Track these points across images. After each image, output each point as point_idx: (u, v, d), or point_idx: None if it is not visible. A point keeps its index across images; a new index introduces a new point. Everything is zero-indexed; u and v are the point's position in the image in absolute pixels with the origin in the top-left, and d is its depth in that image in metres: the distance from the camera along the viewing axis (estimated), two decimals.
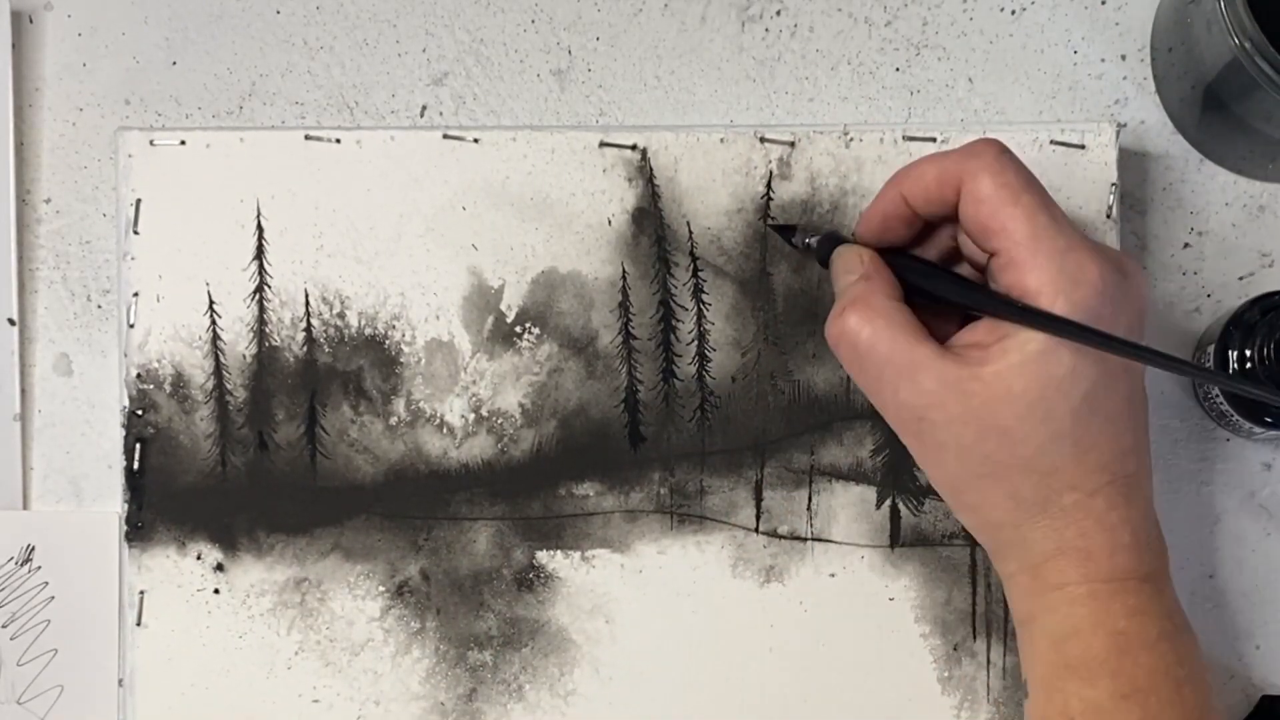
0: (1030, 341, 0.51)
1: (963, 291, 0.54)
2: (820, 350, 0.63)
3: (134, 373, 0.62)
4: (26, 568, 0.64)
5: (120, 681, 0.62)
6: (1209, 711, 0.53)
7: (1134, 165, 0.65)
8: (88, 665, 0.64)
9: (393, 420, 0.62)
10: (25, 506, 0.65)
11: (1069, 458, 0.52)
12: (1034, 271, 0.51)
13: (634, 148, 0.63)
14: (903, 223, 0.56)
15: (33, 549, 0.64)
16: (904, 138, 0.63)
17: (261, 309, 0.63)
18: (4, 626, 0.64)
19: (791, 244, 0.61)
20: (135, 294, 0.63)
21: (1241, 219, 0.66)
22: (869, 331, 0.53)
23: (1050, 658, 0.53)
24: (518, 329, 0.63)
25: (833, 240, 0.58)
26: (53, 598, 0.64)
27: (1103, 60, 0.66)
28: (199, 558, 0.62)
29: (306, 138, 0.63)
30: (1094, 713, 0.52)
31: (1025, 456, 0.52)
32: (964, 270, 0.57)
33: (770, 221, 0.62)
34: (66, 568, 0.64)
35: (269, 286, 0.63)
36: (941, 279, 0.55)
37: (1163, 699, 0.52)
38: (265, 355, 0.63)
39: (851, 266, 0.56)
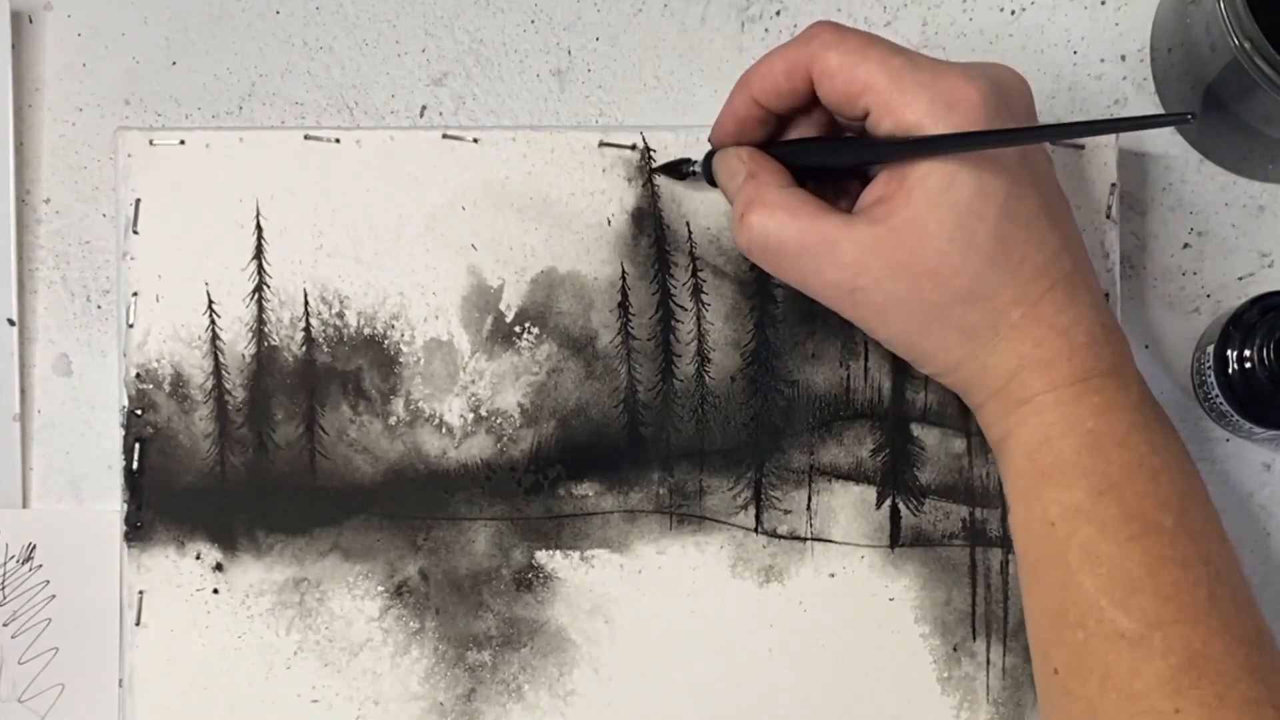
0: (929, 176, 0.51)
1: (849, 151, 0.55)
2: (820, 350, 0.63)
3: (133, 372, 0.62)
4: (28, 566, 0.64)
5: (120, 681, 0.62)
6: (1191, 495, 0.53)
7: (1134, 165, 0.65)
8: (88, 664, 0.64)
9: (392, 420, 0.62)
10: (25, 506, 0.65)
11: (1004, 275, 0.52)
12: (908, 108, 0.51)
13: (634, 148, 0.63)
14: (757, 124, 0.56)
15: (34, 547, 0.64)
16: None
17: (261, 309, 0.63)
18: (5, 625, 0.64)
19: (682, 177, 0.62)
20: (135, 294, 0.63)
21: (1241, 219, 0.66)
22: (774, 225, 0.53)
23: (1025, 468, 0.53)
24: (517, 329, 0.63)
25: (713, 157, 0.59)
26: (53, 596, 0.64)
27: (1102, 60, 0.66)
28: (198, 557, 0.62)
29: (306, 138, 0.63)
30: (1073, 514, 0.52)
31: (962, 289, 0.52)
32: None
33: (654, 166, 0.63)
34: (67, 567, 0.64)
35: (268, 286, 0.63)
36: (824, 148, 0.56)
37: (1139, 490, 0.51)
38: (264, 355, 0.63)
39: (734, 169, 0.56)
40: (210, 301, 0.63)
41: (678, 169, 0.62)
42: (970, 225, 0.51)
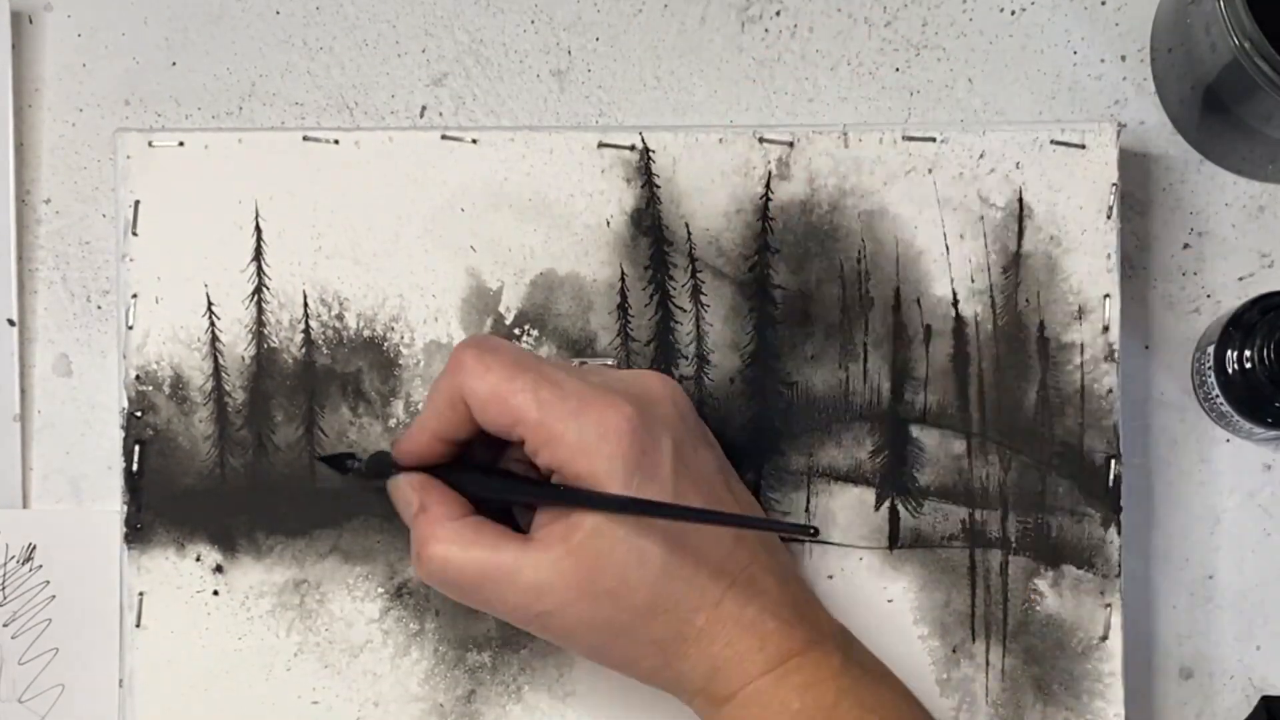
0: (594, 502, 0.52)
1: (511, 488, 0.56)
2: (818, 351, 0.63)
3: (133, 374, 0.62)
4: (28, 566, 0.64)
5: (120, 683, 0.62)
6: None
7: (1134, 166, 0.65)
8: (88, 665, 0.64)
9: (392, 422, 0.62)
10: (25, 507, 0.65)
11: (681, 585, 0.53)
12: (560, 445, 0.52)
13: (633, 148, 0.63)
14: (443, 446, 0.56)
15: (34, 548, 0.64)
16: (904, 138, 0.63)
17: (260, 310, 0.63)
18: (5, 625, 0.64)
19: (344, 472, 0.61)
20: (134, 295, 0.63)
21: (1241, 219, 0.66)
22: (451, 562, 0.54)
23: None
24: (516, 330, 0.63)
25: (380, 461, 0.59)
26: (53, 597, 0.64)
27: (1102, 60, 0.66)
28: (198, 559, 0.62)
29: (305, 139, 0.63)
30: None
31: (643, 604, 0.52)
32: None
33: (318, 457, 0.62)
34: (67, 567, 0.64)
35: (267, 288, 0.63)
36: (490, 482, 0.56)
37: None
38: (264, 357, 0.63)
39: (407, 498, 0.56)
40: (210, 303, 0.63)
41: (340, 463, 0.61)
42: (641, 540, 0.52)
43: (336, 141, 0.63)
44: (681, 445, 0.54)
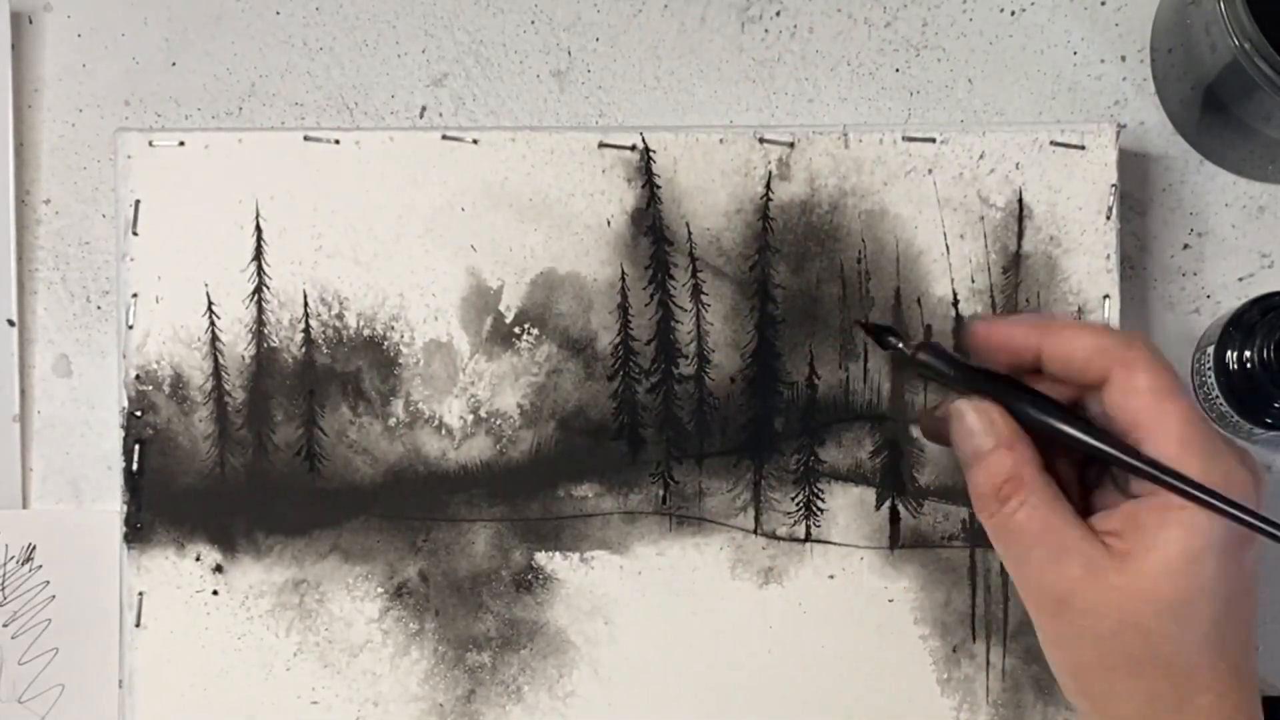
0: (1173, 543, 0.50)
1: (1107, 446, 0.52)
2: (819, 351, 0.63)
3: (133, 374, 0.62)
4: (27, 567, 0.64)
5: (120, 683, 0.62)
6: None
7: (1134, 166, 0.65)
8: (88, 665, 0.64)
9: (391, 421, 0.62)
10: (25, 507, 0.65)
11: (1207, 661, 0.51)
12: (1184, 470, 0.50)
13: (633, 148, 0.63)
14: (1017, 362, 0.54)
15: (34, 548, 0.64)
16: (904, 138, 0.63)
17: (260, 310, 0.63)
18: (5, 625, 0.64)
19: (882, 345, 0.57)
20: (134, 295, 0.63)
21: (1241, 220, 0.66)
22: (1024, 513, 0.52)
23: None
24: (516, 330, 0.63)
25: (934, 353, 0.54)
26: (53, 597, 0.64)
27: (1102, 61, 0.66)
28: (198, 559, 0.62)
29: (305, 139, 0.63)
30: None
31: (1164, 656, 0.51)
32: None
33: (860, 321, 0.61)
34: (67, 567, 0.64)
35: (268, 287, 0.63)
36: (1080, 426, 0.52)
37: None
38: (264, 356, 0.63)
39: (983, 428, 0.53)
40: (210, 303, 0.63)
41: (883, 336, 0.57)
42: (1197, 604, 0.50)
43: (337, 141, 0.63)
44: (1257, 554, 0.52)
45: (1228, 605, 0.51)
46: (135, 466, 0.62)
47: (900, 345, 0.56)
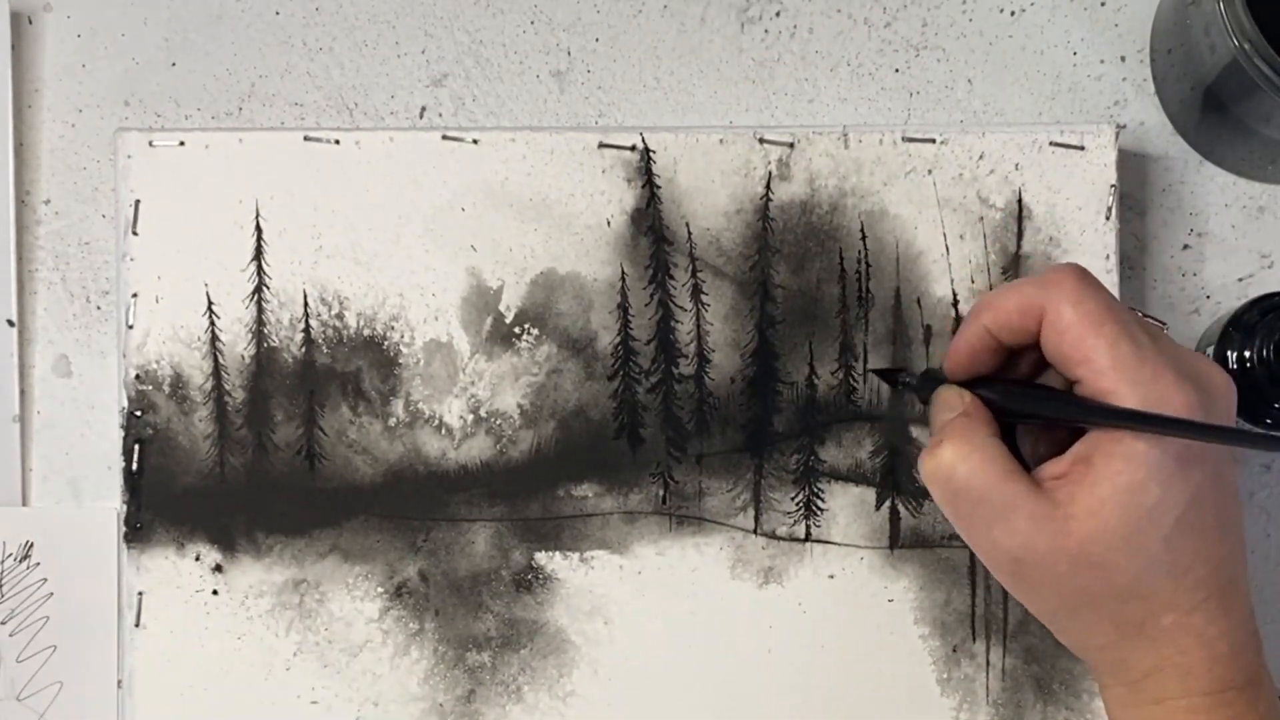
0: (1119, 475, 0.50)
1: (1064, 407, 0.53)
2: (819, 352, 0.63)
3: (133, 374, 0.62)
4: (25, 564, 0.64)
5: (119, 682, 0.62)
6: None
7: (1133, 166, 0.65)
8: (87, 662, 0.64)
9: (391, 421, 0.62)
10: (24, 506, 0.65)
11: (1165, 581, 0.52)
12: (1118, 400, 0.50)
13: (633, 149, 0.63)
14: (989, 353, 0.55)
15: (31, 545, 0.64)
16: (903, 139, 0.63)
17: (260, 310, 0.63)
18: (3, 623, 0.64)
19: (894, 385, 0.62)
20: (134, 295, 0.63)
21: (1241, 220, 0.66)
22: (965, 468, 0.52)
23: None
24: (516, 330, 0.63)
25: (931, 379, 0.57)
26: (52, 594, 0.64)
27: (1102, 62, 0.66)
28: (197, 559, 0.62)
29: (305, 139, 0.63)
30: None
31: (1121, 585, 0.51)
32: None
33: (871, 368, 0.62)
34: (66, 565, 0.64)
35: (268, 287, 0.63)
36: (1037, 398, 0.54)
37: None
38: (264, 356, 0.63)
39: (951, 404, 0.55)
40: (210, 302, 0.63)
41: (892, 377, 0.61)
42: (1145, 530, 0.51)
43: (337, 141, 0.63)
44: (1221, 466, 0.53)
45: (1179, 526, 0.51)
46: (135, 466, 0.62)
47: (908, 380, 0.59)
